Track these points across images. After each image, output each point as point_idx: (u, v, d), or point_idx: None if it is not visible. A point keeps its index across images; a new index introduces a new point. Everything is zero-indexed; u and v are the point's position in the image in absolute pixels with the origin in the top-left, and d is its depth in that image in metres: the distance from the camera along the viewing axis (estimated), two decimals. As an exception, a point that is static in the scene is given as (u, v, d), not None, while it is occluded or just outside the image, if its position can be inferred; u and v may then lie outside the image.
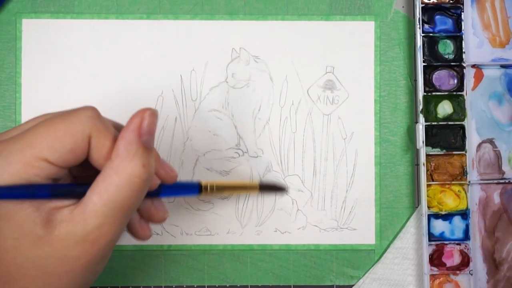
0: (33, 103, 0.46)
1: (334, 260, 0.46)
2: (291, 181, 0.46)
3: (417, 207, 0.47)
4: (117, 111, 0.46)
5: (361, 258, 0.46)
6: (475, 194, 0.46)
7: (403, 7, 0.47)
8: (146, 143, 0.31)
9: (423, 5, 0.45)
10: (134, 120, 0.31)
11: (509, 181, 0.46)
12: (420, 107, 0.45)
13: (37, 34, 0.46)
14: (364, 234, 0.46)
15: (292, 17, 0.46)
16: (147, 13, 0.46)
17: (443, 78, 0.46)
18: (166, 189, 0.35)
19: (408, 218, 0.46)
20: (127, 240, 0.45)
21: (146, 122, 0.30)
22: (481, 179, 0.46)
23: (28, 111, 0.45)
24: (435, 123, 0.45)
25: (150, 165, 0.31)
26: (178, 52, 0.46)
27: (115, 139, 0.31)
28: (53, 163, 0.29)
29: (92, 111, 0.30)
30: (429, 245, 0.45)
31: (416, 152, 0.47)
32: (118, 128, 0.33)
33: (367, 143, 0.46)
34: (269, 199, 0.46)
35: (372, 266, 0.46)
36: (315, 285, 0.46)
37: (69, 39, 0.46)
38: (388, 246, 0.46)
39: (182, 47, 0.46)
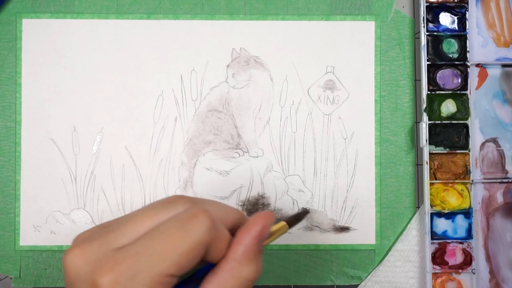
0: (33, 103, 0.46)
1: (334, 260, 0.46)
2: (291, 181, 0.46)
3: (418, 207, 0.46)
4: (118, 111, 0.46)
5: (362, 258, 0.46)
6: (478, 193, 0.46)
7: (403, 7, 0.47)
8: (262, 247, 0.30)
9: (428, 4, 0.45)
10: (255, 227, 0.30)
11: (513, 181, 0.46)
12: (424, 105, 0.45)
13: (37, 34, 0.46)
14: (364, 234, 0.46)
15: (292, 17, 0.46)
16: (147, 13, 0.46)
17: (447, 77, 0.45)
18: None
19: (410, 220, 0.46)
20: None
21: (267, 229, 0.30)
22: (484, 178, 0.46)
23: (28, 111, 0.46)
24: (439, 122, 0.45)
25: (262, 267, 0.31)
26: (178, 52, 0.46)
27: (229, 240, 0.30)
28: (176, 276, 0.29)
29: (210, 223, 0.29)
30: (432, 243, 0.45)
31: (417, 152, 0.47)
32: (224, 221, 0.32)
33: (368, 143, 0.46)
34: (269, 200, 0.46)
35: (374, 268, 0.46)
36: (315, 285, 0.46)
37: (69, 39, 0.46)
38: (390, 248, 0.46)
39: (182, 47, 0.46)
